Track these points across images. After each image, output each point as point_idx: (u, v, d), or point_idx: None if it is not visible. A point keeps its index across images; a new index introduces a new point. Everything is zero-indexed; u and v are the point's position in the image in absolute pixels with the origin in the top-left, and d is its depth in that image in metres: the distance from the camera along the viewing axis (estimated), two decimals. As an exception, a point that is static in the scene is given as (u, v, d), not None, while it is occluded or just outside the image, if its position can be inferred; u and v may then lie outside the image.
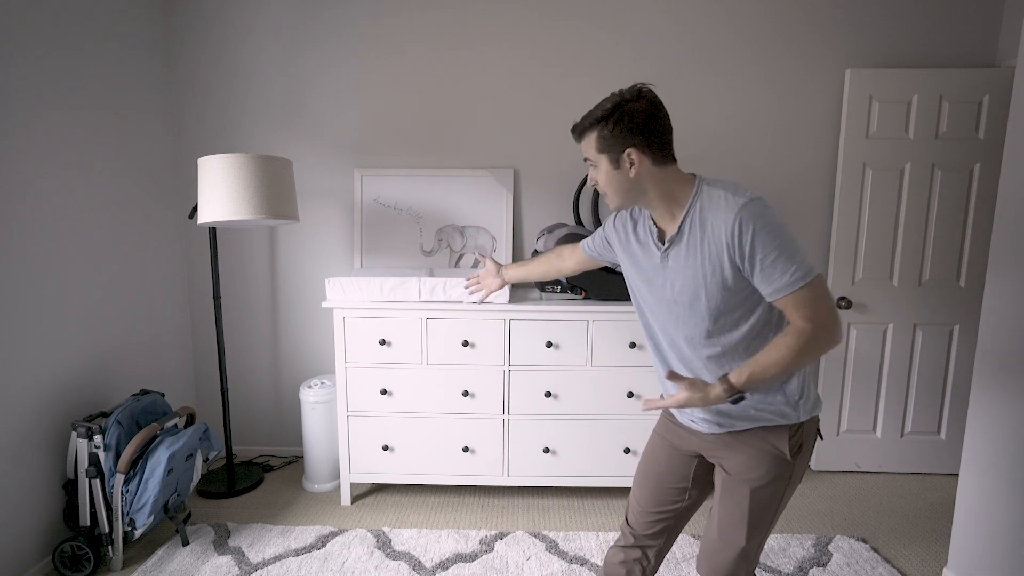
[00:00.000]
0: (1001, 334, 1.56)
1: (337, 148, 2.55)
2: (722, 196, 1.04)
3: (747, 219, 0.99)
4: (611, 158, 1.09)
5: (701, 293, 1.08)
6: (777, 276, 0.99)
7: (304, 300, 2.65)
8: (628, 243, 1.24)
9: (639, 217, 1.23)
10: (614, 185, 1.11)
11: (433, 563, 1.89)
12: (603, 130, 1.08)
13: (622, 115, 1.06)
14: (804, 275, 0.98)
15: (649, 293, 1.19)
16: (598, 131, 1.08)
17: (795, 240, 1.00)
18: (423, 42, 2.48)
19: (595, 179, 1.14)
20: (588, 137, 1.10)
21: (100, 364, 2.08)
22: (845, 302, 2.48)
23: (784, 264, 0.98)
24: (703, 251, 1.06)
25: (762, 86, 2.46)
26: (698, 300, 1.09)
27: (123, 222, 2.21)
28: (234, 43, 2.49)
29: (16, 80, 1.73)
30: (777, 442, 1.12)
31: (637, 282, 1.22)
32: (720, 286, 1.05)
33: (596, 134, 1.09)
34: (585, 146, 1.12)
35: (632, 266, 1.23)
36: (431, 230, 2.53)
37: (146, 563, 1.87)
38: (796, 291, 0.98)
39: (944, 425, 2.55)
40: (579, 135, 1.12)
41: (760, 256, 0.99)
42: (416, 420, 2.23)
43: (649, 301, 1.20)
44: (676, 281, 1.12)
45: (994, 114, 2.34)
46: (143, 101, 2.33)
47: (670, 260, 1.12)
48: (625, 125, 1.06)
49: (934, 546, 2.01)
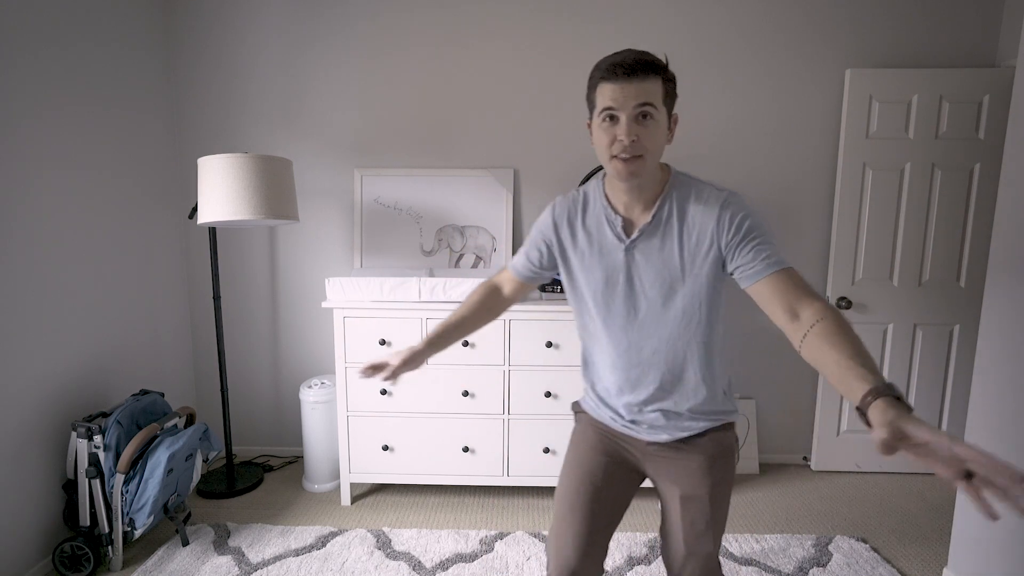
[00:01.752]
0: (1001, 334, 1.56)
1: (337, 148, 2.55)
2: (705, 188, 0.99)
3: (737, 207, 0.96)
4: (669, 113, 0.96)
5: (678, 286, 1.01)
6: (770, 252, 0.93)
7: (304, 300, 2.65)
8: (574, 238, 1.08)
9: (590, 205, 1.08)
10: (659, 148, 0.95)
11: (433, 563, 1.89)
12: (667, 80, 0.93)
13: (672, 73, 0.95)
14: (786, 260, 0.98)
15: (605, 295, 1.06)
16: (663, 78, 0.93)
17: None
18: (423, 42, 2.48)
19: (634, 135, 0.91)
20: (653, 81, 0.91)
21: (100, 364, 2.08)
22: (845, 302, 2.48)
23: (774, 243, 0.96)
24: (681, 242, 0.99)
25: (762, 86, 2.46)
26: (674, 293, 1.01)
27: (123, 222, 2.21)
28: (234, 43, 2.49)
29: (16, 80, 1.73)
30: (725, 438, 1.09)
31: (588, 283, 1.07)
32: (696, 279, 0.99)
33: (663, 81, 0.93)
34: (645, 90, 0.91)
35: (580, 265, 1.08)
36: (431, 230, 2.53)
37: (146, 563, 1.87)
38: (787, 268, 0.92)
39: (944, 425, 2.55)
40: (644, 73, 0.90)
41: (753, 235, 0.94)
42: (416, 420, 2.23)
43: (603, 304, 1.06)
44: (646, 275, 1.02)
45: (994, 114, 2.34)
46: (143, 101, 2.33)
47: (637, 253, 1.02)
48: (674, 84, 0.96)
49: (934, 546, 2.01)
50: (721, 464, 1.07)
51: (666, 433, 1.08)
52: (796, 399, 2.66)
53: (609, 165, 0.96)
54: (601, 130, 0.95)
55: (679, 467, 1.08)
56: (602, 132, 0.94)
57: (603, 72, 0.93)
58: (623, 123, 0.91)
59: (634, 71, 0.90)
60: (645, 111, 0.91)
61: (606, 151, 0.95)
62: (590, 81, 0.97)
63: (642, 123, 0.92)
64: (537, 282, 1.21)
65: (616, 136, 0.92)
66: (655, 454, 1.10)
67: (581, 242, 1.08)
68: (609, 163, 0.96)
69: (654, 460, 1.11)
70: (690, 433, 1.07)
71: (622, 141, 0.92)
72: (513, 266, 1.22)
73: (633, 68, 0.90)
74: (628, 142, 0.91)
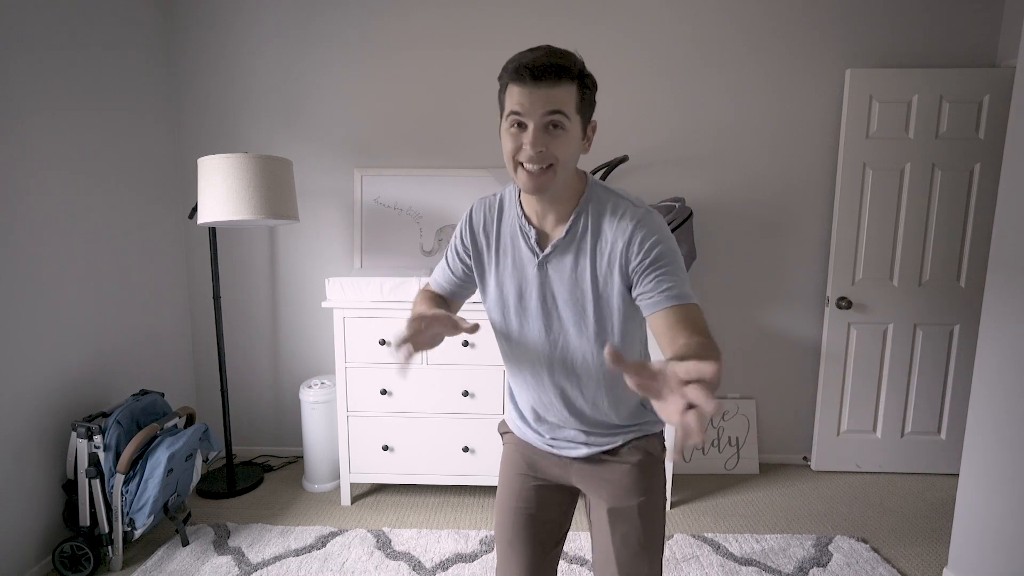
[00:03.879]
0: (1001, 334, 1.56)
1: (337, 148, 2.55)
2: (621, 203, 0.91)
3: (650, 229, 0.88)
4: (584, 123, 0.88)
5: (588, 306, 0.93)
6: (674, 283, 0.86)
7: (304, 300, 2.65)
8: (490, 247, 1.00)
9: (506, 212, 0.99)
10: (571, 159, 0.87)
11: (433, 563, 1.89)
12: (584, 87, 0.85)
13: (591, 77, 0.87)
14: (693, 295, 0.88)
15: (518, 311, 0.98)
16: (579, 84, 0.84)
17: None
18: (423, 42, 2.47)
19: (541, 146, 0.83)
20: (565, 88, 0.82)
21: (100, 364, 2.08)
22: (845, 302, 2.48)
23: (681, 275, 0.88)
24: (593, 260, 0.91)
25: (762, 86, 2.46)
26: (585, 314, 0.94)
27: (123, 222, 2.21)
28: (234, 43, 2.49)
29: (16, 81, 1.73)
30: (650, 447, 1.03)
31: (502, 297, 0.99)
32: (607, 300, 0.92)
33: (577, 87, 0.84)
34: (555, 97, 0.82)
35: (495, 278, 1.00)
36: (431, 230, 2.53)
37: (146, 563, 1.87)
38: (689, 304, 0.85)
39: (944, 425, 2.55)
40: (554, 78, 0.81)
41: (661, 263, 0.86)
42: (416, 420, 2.23)
43: (516, 321, 0.99)
44: (559, 293, 0.94)
45: (994, 114, 2.34)
46: (143, 101, 2.33)
47: (551, 269, 0.94)
48: (593, 91, 0.88)
49: (934, 546, 2.01)
50: (649, 472, 1.02)
51: (586, 448, 1.03)
52: (796, 399, 2.66)
53: (515, 174, 0.88)
54: (508, 135, 0.86)
55: (604, 479, 1.02)
56: (508, 137, 0.86)
57: (511, 74, 0.83)
58: (530, 131, 0.83)
59: (543, 75, 0.80)
60: (555, 120, 0.82)
61: (512, 158, 0.87)
62: (500, 79, 0.88)
63: (551, 132, 0.83)
64: (461, 298, 1.10)
65: (522, 144, 0.84)
66: (580, 469, 1.04)
67: (496, 252, 0.99)
68: (515, 172, 0.87)
69: (581, 475, 1.05)
70: (612, 446, 1.02)
71: (527, 150, 0.84)
72: (435, 280, 1.10)
73: (542, 72, 0.80)
74: (534, 152, 0.83)
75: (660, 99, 2.48)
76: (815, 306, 2.59)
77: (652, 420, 1.05)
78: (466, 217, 1.03)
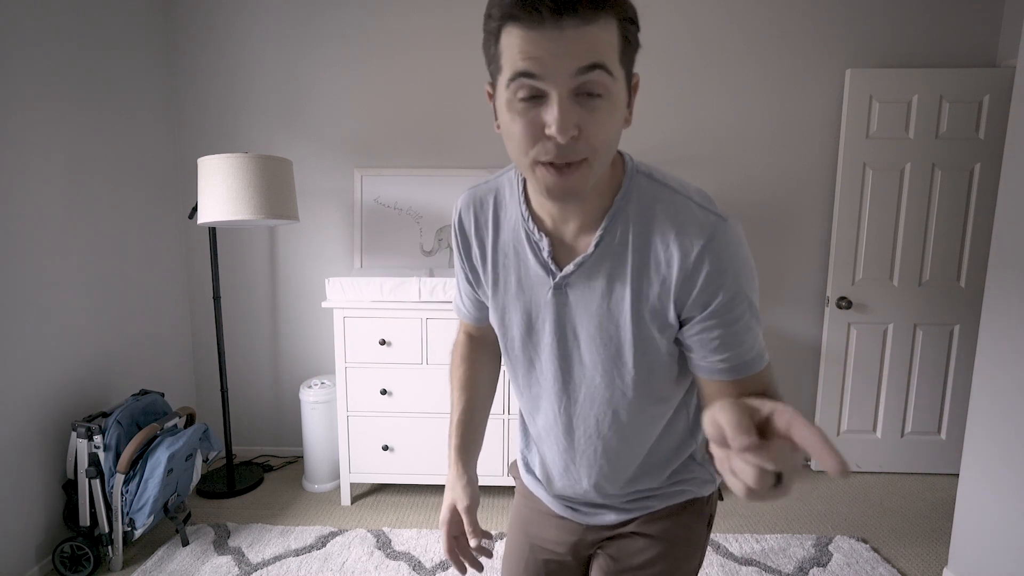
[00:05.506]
0: (1001, 334, 1.56)
1: (337, 148, 2.55)
2: (682, 204, 0.62)
3: (726, 253, 0.60)
4: (628, 78, 0.57)
5: (626, 350, 0.66)
6: (737, 348, 0.62)
7: (304, 300, 2.65)
8: (484, 256, 0.73)
9: (504, 211, 0.70)
10: (613, 143, 0.56)
11: (433, 563, 1.89)
12: (630, 22, 0.54)
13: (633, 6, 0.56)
14: (764, 350, 0.64)
15: (526, 344, 0.72)
16: (621, 18, 0.53)
17: None
18: (423, 42, 2.47)
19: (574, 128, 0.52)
20: (605, 25, 0.51)
21: (100, 364, 2.08)
22: (845, 302, 2.48)
23: (752, 330, 0.62)
24: (636, 285, 0.63)
25: (762, 86, 2.46)
26: (620, 360, 0.66)
27: (123, 222, 2.21)
28: (234, 43, 2.49)
29: (16, 80, 1.73)
30: (693, 522, 0.80)
31: (505, 324, 0.74)
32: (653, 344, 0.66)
33: (618, 23, 0.53)
34: (592, 41, 0.50)
35: (493, 299, 0.74)
36: (431, 230, 2.53)
37: (146, 563, 1.87)
38: (765, 368, 0.63)
39: (944, 425, 2.55)
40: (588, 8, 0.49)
41: (728, 315, 0.61)
42: (416, 420, 2.23)
43: (523, 357, 0.74)
44: (582, 329, 0.67)
45: (994, 114, 2.34)
46: (143, 101, 2.33)
47: (571, 296, 0.66)
48: (637, 28, 0.57)
49: (934, 546, 2.01)
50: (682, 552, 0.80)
51: (613, 514, 0.80)
52: (796, 399, 2.66)
53: (531, 173, 0.57)
54: (513, 112, 0.54)
55: (622, 544, 0.81)
56: (516, 117, 0.54)
57: (510, 6, 0.50)
58: (554, 105, 0.51)
59: (573, 3, 0.48)
60: (592, 82, 0.51)
61: (524, 151, 0.55)
62: (487, 23, 0.54)
63: (586, 104, 0.52)
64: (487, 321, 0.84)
65: (544, 126, 0.52)
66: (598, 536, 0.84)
67: (494, 266, 0.72)
68: (531, 170, 0.57)
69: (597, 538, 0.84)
70: (643, 512, 0.80)
71: (555, 139, 0.52)
72: (460, 309, 0.86)
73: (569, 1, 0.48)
74: (565, 140, 0.52)
75: (660, 99, 2.48)
76: (815, 306, 2.59)
77: (704, 479, 0.81)
78: (455, 222, 0.75)
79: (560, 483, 0.81)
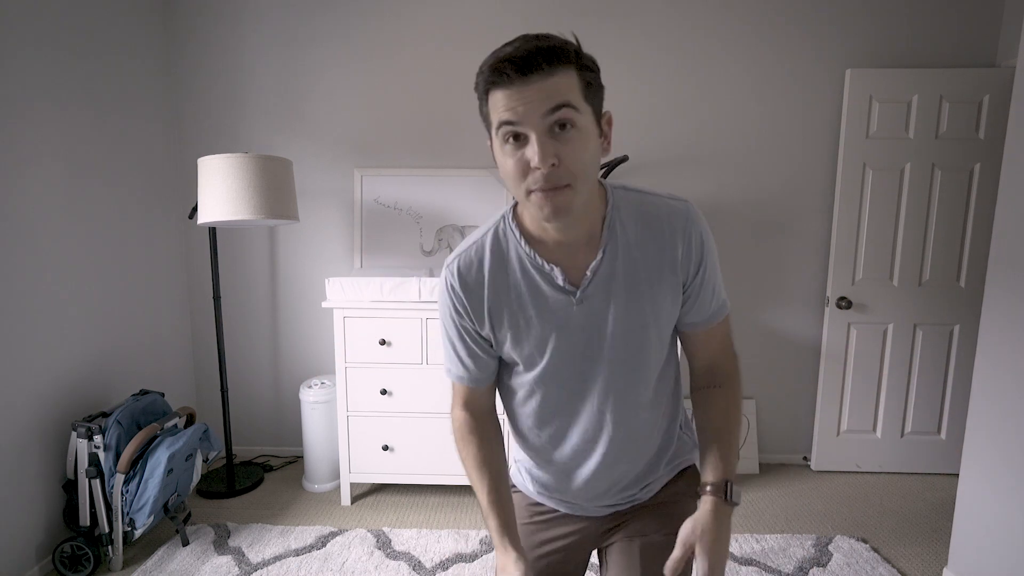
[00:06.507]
0: (1001, 334, 1.56)
1: (337, 148, 2.55)
2: (652, 199, 0.79)
3: (699, 225, 0.79)
4: (596, 114, 0.70)
5: (650, 334, 0.79)
6: (714, 297, 0.82)
7: (304, 300, 2.65)
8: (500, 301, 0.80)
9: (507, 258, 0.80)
10: (593, 164, 0.69)
11: (433, 563, 1.89)
12: (584, 68, 0.67)
13: (590, 57, 0.69)
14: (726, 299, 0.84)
15: (552, 359, 0.81)
16: (577, 67, 0.66)
17: None
18: (423, 41, 2.48)
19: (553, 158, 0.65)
20: (564, 74, 0.64)
21: (100, 364, 2.08)
22: (845, 302, 2.48)
23: (719, 282, 0.82)
24: (642, 276, 0.77)
25: (762, 86, 2.46)
26: (646, 346, 0.80)
27: (123, 222, 2.21)
28: (234, 43, 2.49)
29: (16, 81, 1.73)
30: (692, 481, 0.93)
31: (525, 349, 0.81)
32: (665, 320, 0.80)
33: (577, 71, 0.66)
34: (554, 88, 0.64)
35: (513, 332, 0.81)
36: (431, 230, 2.53)
37: (146, 563, 1.87)
38: (725, 318, 0.84)
39: (944, 425, 2.55)
40: (548, 65, 0.63)
41: (706, 270, 0.79)
42: (416, 420, 2.23)
43: (550, 369, 0.82)
44: (606, 326, 0.78)
45: (994, 114, 2.34)
46: (143, 101, 2.33)
47: (593, 301, 0.78)
48: (596, 73, 0.70)
49: (934, 546, 2.01)
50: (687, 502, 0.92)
51: (630, 502, 0.92)
52: (796, 399, 2.66)
53: (527, 201, 0.70)
54: (505, 155, 0.68)
55: (634, 517, 0.92)
56: (506, 158, 0.68)
57: (488, 76, 0.65)
58: (534, 142, 0.64)
59: (532, 64, 0.62)
60: (562, 118, 0.64)
61: (518, 183, 0.68)
62: (477, 89, 0.69)
63: (560, 137, 0.65)
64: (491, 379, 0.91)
65: (528, 162, 0.66)
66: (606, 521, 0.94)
67: (504, 308, 0.80)
68: (526, 198, 0.69)
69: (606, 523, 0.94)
70: (646, 496, 0.92)
71: (538, 169, 0.65)
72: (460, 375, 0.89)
73: (530, 60, 0.62)
74: (547, 169, 0.65)
75: (660, 99, 2.48)
76: (815, 306, 2.59)
77: (688, 448, 0.95)
78: (447, 288, 0.82)
79: (581, 491, 0.90)
